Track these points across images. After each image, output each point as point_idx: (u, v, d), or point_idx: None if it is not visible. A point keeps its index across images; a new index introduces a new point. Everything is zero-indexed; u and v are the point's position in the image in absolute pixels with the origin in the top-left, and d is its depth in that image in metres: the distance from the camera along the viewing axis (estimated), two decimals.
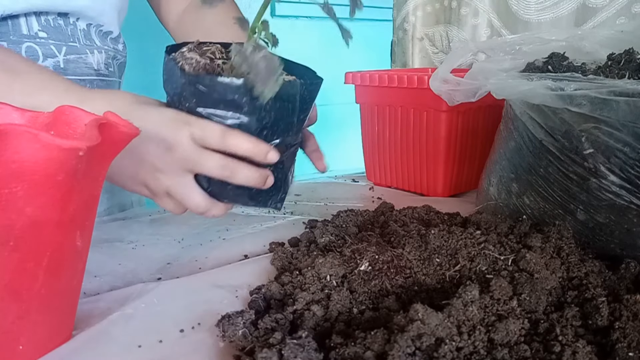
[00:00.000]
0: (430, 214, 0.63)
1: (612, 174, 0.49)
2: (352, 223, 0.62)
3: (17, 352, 0.35)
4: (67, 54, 0.69)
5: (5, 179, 0.30)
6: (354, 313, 0.42)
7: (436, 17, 1.17)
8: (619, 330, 0.37)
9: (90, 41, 0.73)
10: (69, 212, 0.34)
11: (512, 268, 0.45)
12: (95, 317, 0.43)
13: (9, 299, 0.33)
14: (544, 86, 0.50)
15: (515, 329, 0.37)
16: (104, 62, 0.75)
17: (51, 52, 0.67)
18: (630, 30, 0.62)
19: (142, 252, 0.60)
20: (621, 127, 0.47)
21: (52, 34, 0.68)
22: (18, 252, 0.32)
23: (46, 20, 0.67)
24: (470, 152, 0.82)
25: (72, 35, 0.70)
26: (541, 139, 0.54)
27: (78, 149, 0.31)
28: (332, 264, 0.46)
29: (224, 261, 0.56)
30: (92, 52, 0.73)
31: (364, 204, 0.78)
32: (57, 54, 0.68)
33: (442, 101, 0.67)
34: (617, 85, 0.46)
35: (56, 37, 0.68)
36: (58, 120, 0.38)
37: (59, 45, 0.68)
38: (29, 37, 0.65)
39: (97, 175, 0.37)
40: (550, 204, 0.55)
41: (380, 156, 0.90)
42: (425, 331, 0.34)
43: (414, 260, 0.47)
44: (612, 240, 0.50)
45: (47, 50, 0.67)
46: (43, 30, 0.67)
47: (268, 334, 0.38)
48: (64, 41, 0.69)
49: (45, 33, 0.67)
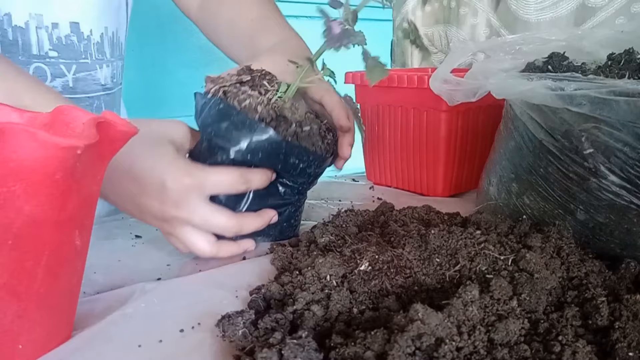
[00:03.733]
0: (430, 214, 0.63)
1: (612, 174, 0.49)
2: (352, 223, 0.62)
3: (17, 351, 0.35)
4: (76, 72, 0.68)
5: (3, 177, 0.30)
6: (354, 313, 0.42)
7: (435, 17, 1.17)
8: (619, 330, 0.37)
9: (102, 54, 0.72)
10: (68, 210, 0.34)
11: (512, 268, 0.45)
12: (95, 317, 0.43)
13: (7, 298, 0.33)
14: (544, 86, 0.50)
15: (515, 329, 0.37)
16: (111, 75, 0.74)
17: (60, 72, 0.66)
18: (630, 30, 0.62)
19: (142, 252, 0.60)
20: (621, 127, 0.47)
21: (63, 52, 0.66)
22: (17, 251, 0.32)
23: (58, 39, 0.65)
24: (470, 152, 0.82)
25: (84, 51, 0.69)
26: (541, 139, 0.54)
27: (76, 147, 0.31)
28: (332, 264, 0.46)
29: (224, 261, 0.56)
30: (102, 67, 0.72)
31: (364, 203, 0.78)
32: (67, 73, 0.67)
33: (442, 101, 0.67)
34: (617, 85, 0.46)
35: (67, 56, 0.67)
36: (57, 120, 0.37)
37: (69, 64, 0.67)
38: (39, 57, 0.64)
39: (96, 174, 0.37)
40: (550, 204, 0.55)
41: (380, 156, 0.90)
42: (425, 331, 0.34)
43: (414, 260, 0.47)
44: (612, 240, 0.50)
45: (56, 70, 0.66)
46: (54, 49, 0.65)
47: (268, 334, 0.38)
48: (75, 59, 0.68)
49: (57, 52, 0.66)
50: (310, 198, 0.81)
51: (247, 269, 0.53)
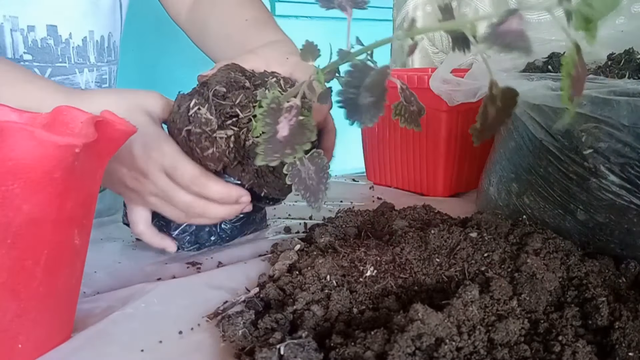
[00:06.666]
0: (430, 214, 0.63)
1: (612, 174, 0.49)
2: (352, 223, 0.62)
3: (16, 350, 0.35)
4: (52, 76, 0.66)
5: (2, 176, 0.30)
6: (354, 313, 0.42)
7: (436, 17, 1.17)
8: (619, 330, 0.37)
9: (84, 58, 0.70)
10: (67, 209, 0.34)
11: (512, 268, 0.45)
12: (95, 317, 0.43)
13: (7, 297, 0.33)
14: (544, 86, 0.50)
15: (515, 329, 0.37)
16: (96, 79, 0.73)
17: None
18: (630, 30, 0.62)
19: (143, 252, 0.60)
20: (621, 127, 0.47)
21: (39, 56, 0.65)
22: (16, 250, 0.32)
23: (34, 41, 0.64)
24: (470, 152, 0.82)
25: (61, 55, 0.67)
26: (541, 139, 0.54)
27: (74, 145, 0.31)
28: (332, 264, 0.46)
29: (224, 261, 0.56)
30: (82, 72, 0.70)
31: (364, 203, 0.78)
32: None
33: (442, 101, 0.67)
34: (617, 85, 0.46)
35: (42, 59, 0.65)
36: (56, 120, 0.37)
37: (43, 67, 0.66)
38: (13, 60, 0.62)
39: (94, 173, 0.37)
40: (550, 204, 0.55)
41: (380, 156, 0.90)
42: (425, 331, 0.34)
43: (414, 260, 0.47)
44: (612, 240, 0.50)
45: None
46: (29, 52, 0.64)
47: (268, 334, 0.38)
48: (51, 62, 0.66)
49: (31, 55, 0.64)
50: None
51: (246, 269, 0.53)
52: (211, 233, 0.58)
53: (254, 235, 0.64)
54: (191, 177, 0.49)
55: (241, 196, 0.51)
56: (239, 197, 0.51)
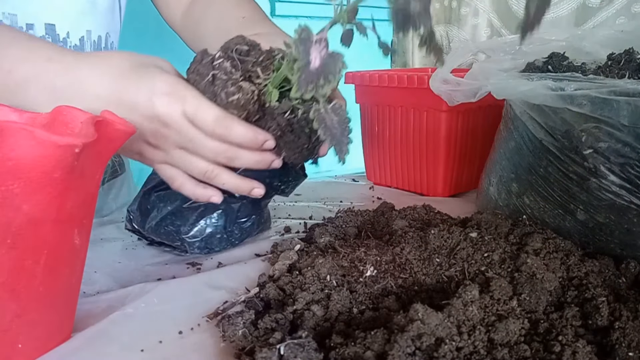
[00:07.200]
0: (430, 214, 0.63)
1: (612, 174, 0.49)
2: (352, 223, 0.62)
3: (16, 350, 0.35)
4: None
5: (1, 176, 0.30)
6: (354, 313, 0.42)
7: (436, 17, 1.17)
8: (619, 330, 0.37)
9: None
10: (66, 209, 0.34)
11: (512, 268, 0.45)
12: (95, 317, 0.43)
13: (7, 297, 0.33)
14: (544, 86, 0.50)
15: (515, 329, 0.37)
16: None
17: None
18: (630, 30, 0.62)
19: (143, 252, 0.60)
20: (621, 127, 0.47)
21: None
22: (15, 250, 0.32)
23: None
24: (470, 152, 0.82)
25: None
26: (541, 139, 0.54)
27: (74, 145, 0.31)
28: (332, 264, 0.46)
29: (224, 261, 0.56)
30: None
31: (364, 203, 0.78)
32: None
33: (442, 101, 0.67)
34: (617, 85, 0.46)
35: None
36: (56, 121, 0.37)
37: None
38: None
39: (94, 173, 0.37)
40: (550, 204, 0.55)
41: (380, 156, 0.90)
42: (425, 331, 0.34)
43: (414, 260, 0.47)
44: (612, 240, 0.50)
45: None
46: None
47: (268, 334, 0.38)
48: None
49: None
50: (311, 198, 0.81)
51: (246, 269, 0.53)
52: (221, 240, 0.58)
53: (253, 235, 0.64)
54: (215, 118, 0.46)
55: (267, 139, 0.48)
56: (265, 140, 0.48)
